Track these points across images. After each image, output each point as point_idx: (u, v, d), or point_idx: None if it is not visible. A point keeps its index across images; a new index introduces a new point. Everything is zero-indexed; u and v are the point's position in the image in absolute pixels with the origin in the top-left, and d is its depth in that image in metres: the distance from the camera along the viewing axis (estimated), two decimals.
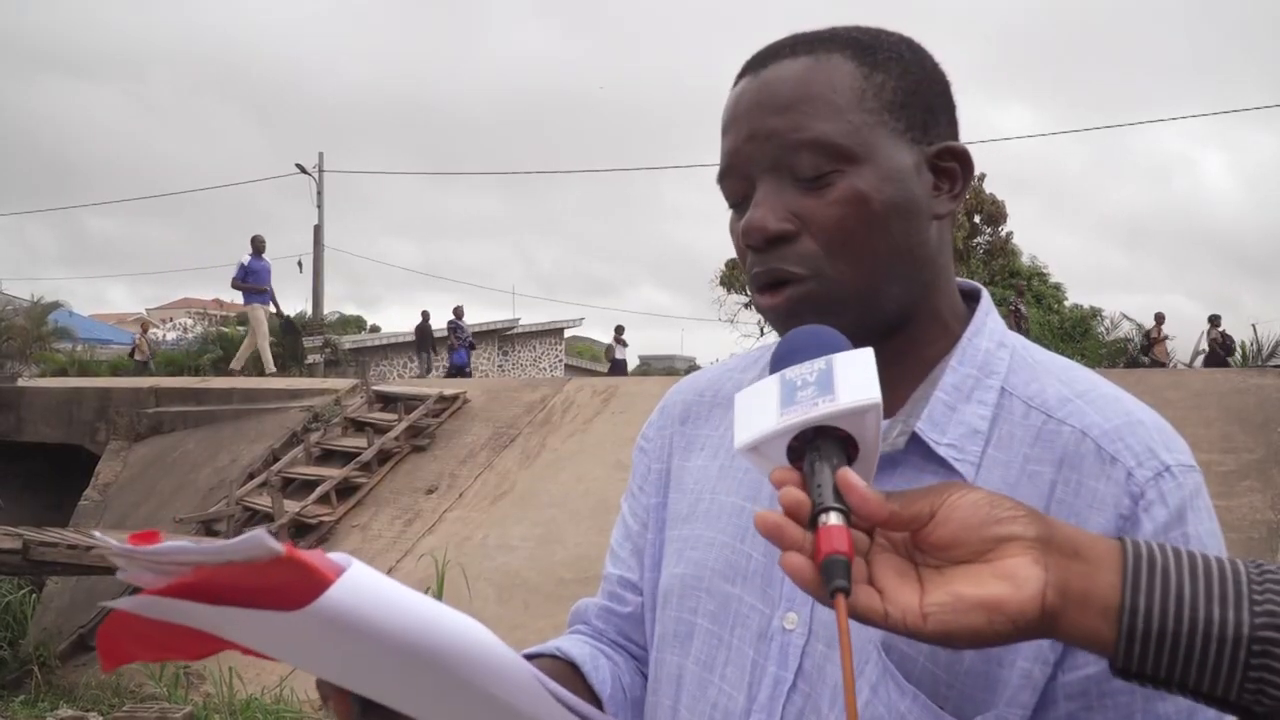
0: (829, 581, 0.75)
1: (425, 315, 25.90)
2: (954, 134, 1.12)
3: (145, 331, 29.88)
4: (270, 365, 17.47)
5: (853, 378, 0.83)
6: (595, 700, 1.18)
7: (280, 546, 0.74)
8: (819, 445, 0.82)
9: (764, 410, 0.85)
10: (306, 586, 0.75)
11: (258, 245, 17.06)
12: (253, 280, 17.01)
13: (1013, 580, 0.76)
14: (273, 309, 17.96)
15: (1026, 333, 19.69)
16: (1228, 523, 7.24)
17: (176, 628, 0.84)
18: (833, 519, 0.77)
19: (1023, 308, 19.17)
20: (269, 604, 0.77)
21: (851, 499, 0.78)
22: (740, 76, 1.11)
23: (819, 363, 0.85)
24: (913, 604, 0.77)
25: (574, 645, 1.24)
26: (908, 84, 1.07)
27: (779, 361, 0.89)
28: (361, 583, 0.77)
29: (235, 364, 18.14)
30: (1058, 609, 0.77)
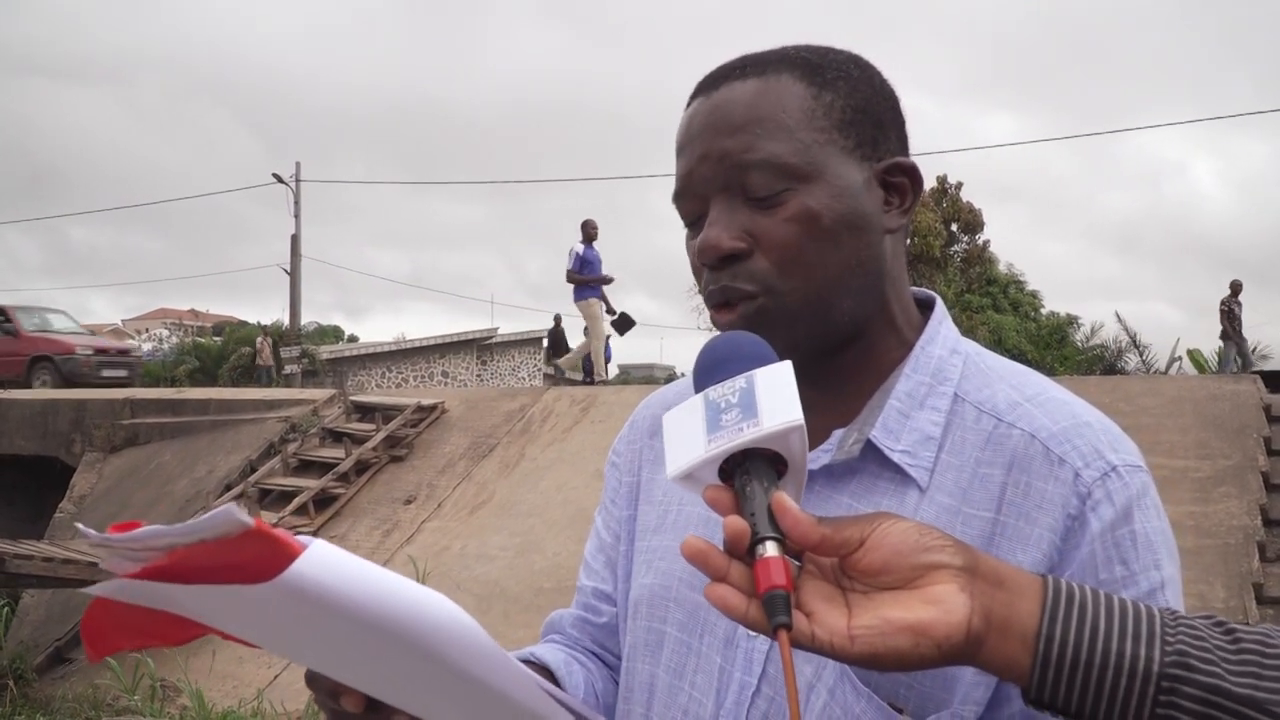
0: (772, 616, 0.77)
1: (557, 319, 24.08)
2: (904, 149, 1.14)
3: (267, 336, 29.11)
4: (603, 369, 15.86)
5: (775, 397, 0.84)
6: None
7: (249, 519, 0.75)
8: (749, 467, 0.83)
9: (692, 435, 0.86)
10: (275, 558, 0.76)
11: (590, 232, 14.71)
12: (588, 271, 14.69)
13: (940, 606, 0.78)
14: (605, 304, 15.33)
15: (1240, 334, 19.21)
16: (1205, 528, 7.28)
17: (157, 613, 0.86)
18: (770, 549, 0.78)
19: (1235, 307, 18.72)
20: (240, 578, 0.78)
21: (785, 523, 0.79)
22: (692, 98, 1.13)
23: (740, 381, 0.86)
24: (840, 626, 0.79)
25: (548, 651, 1.25)
26: (856, 102, 1.09)
27: (702, 375, 0.91)
28: (328, 555, 0.79)
29: (565, 364, 16.76)
30: (981, 635, 0.79)
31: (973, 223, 32.68)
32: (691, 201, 1.11)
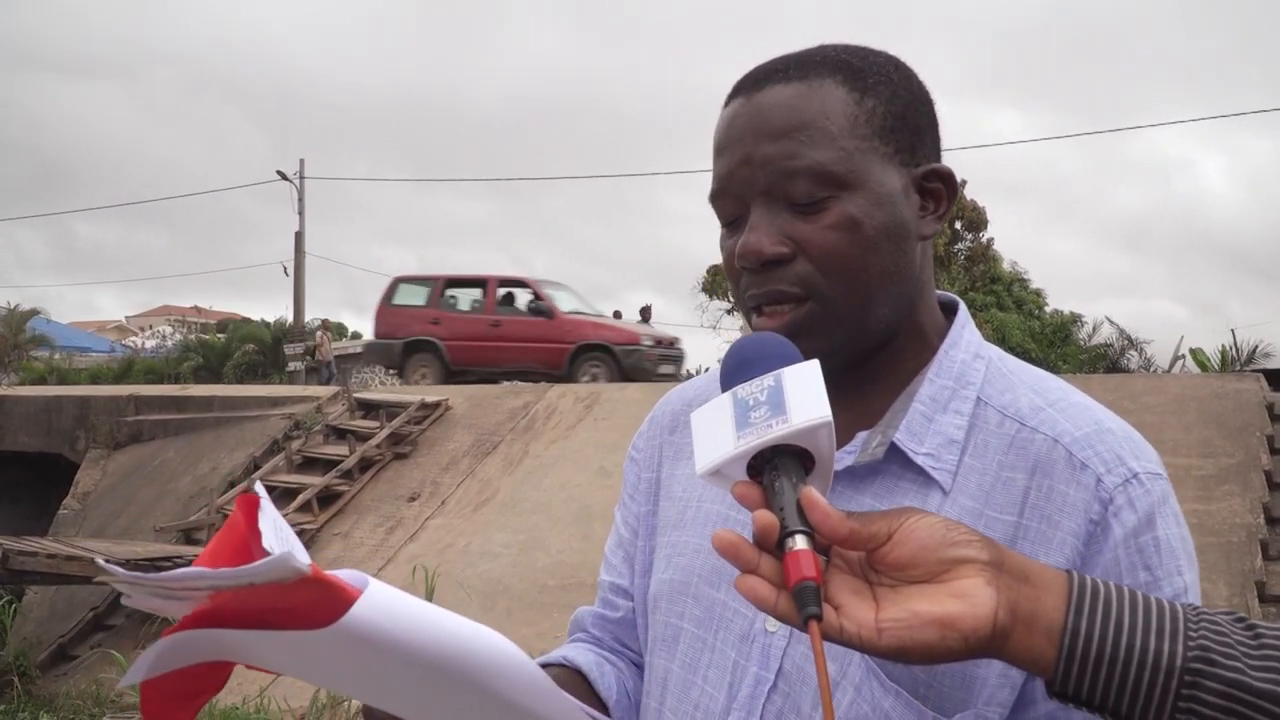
0: (802, 608, 0.78)
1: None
2: (937, 153, 1.14)
3: (327, 329, 26.79)
4: None
5: (803, 394, 0.85)
6: (602, 707, 1.21)
7: (305, 566, 0.74)
8: (777, 463, 0.84)
9: (720, 433, 0.87)
10: (331, 604, 0.75)
11: None
12: None
13: (967, 599, 0.79)
14: None
15: None
16: (1208, 526, 7.28)
17: (195, 670, 0.85)
18: (800, 543, 0.79)
19: None
20: (293, 624, 0.77)
21: (814, 517, 0.80)
22: (732, 97, 1.12)
23: (768, 379, 0.87)
24: (868, 619, 0.80)
25: (579, 654, 1.26)
26: (897, 108, 1.09)
27: (730, 375, 0.92)
28: (384, 599, 0.78)
29: None
30: (1007, 628, 0.80)
31: (976, 221, 32.62)
32: (730, 203, 1.10)
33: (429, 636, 0.79)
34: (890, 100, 1.08)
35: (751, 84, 1.10)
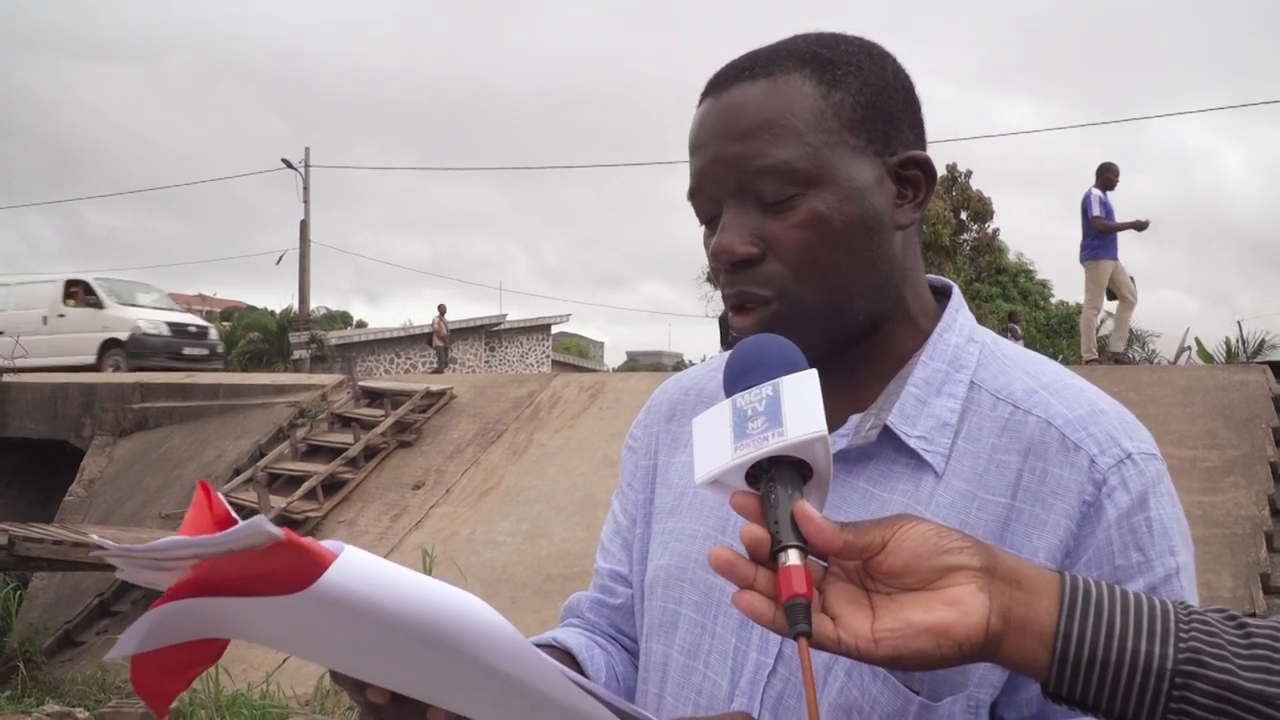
0: (792, 625, 0.79)
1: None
2: (918, 138, 1.13)
3: (443, 315, 26.45)
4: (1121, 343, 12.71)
5: (800, 406, 0.85)
6: None
7: (279, 531, 0.75)
8: (774, 473, 0.85)
9: (719, 442, 0.88)
10: (306, 569, 0.76)
11: (1110, 177, 11.66)
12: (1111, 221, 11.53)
13: (960, 607, 0.80)
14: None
15: None
16: (1213, 518, 7.28)
17: (188, 645, 0.86)
18: (792, 557, 0.80)
19: None
20: (270, 589, 0.78)
21: (807, 531, 0.81)
22: (703, 98, 1.13)
23: (766, 388, 0.88)
24: (865, 629, 0.81)
25: (569, 636, 1.27)
26: (867, 98, 1.08)
27: (731, 381, 0.92)
28: (359, 563, 0.78)
29: (1086, 352, 12.51)
30: (1000, 634, 0.81)
31: (982, 211, 32.61)
32: (705, 201, 1.11)
33: (406, 602, 0.80)
34: (860, 90, 1.08)
35: (719, 84, 1.11)
